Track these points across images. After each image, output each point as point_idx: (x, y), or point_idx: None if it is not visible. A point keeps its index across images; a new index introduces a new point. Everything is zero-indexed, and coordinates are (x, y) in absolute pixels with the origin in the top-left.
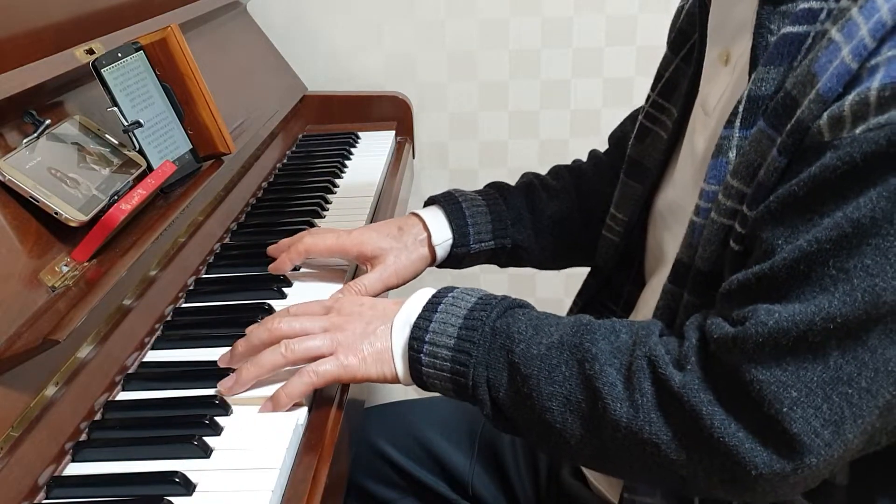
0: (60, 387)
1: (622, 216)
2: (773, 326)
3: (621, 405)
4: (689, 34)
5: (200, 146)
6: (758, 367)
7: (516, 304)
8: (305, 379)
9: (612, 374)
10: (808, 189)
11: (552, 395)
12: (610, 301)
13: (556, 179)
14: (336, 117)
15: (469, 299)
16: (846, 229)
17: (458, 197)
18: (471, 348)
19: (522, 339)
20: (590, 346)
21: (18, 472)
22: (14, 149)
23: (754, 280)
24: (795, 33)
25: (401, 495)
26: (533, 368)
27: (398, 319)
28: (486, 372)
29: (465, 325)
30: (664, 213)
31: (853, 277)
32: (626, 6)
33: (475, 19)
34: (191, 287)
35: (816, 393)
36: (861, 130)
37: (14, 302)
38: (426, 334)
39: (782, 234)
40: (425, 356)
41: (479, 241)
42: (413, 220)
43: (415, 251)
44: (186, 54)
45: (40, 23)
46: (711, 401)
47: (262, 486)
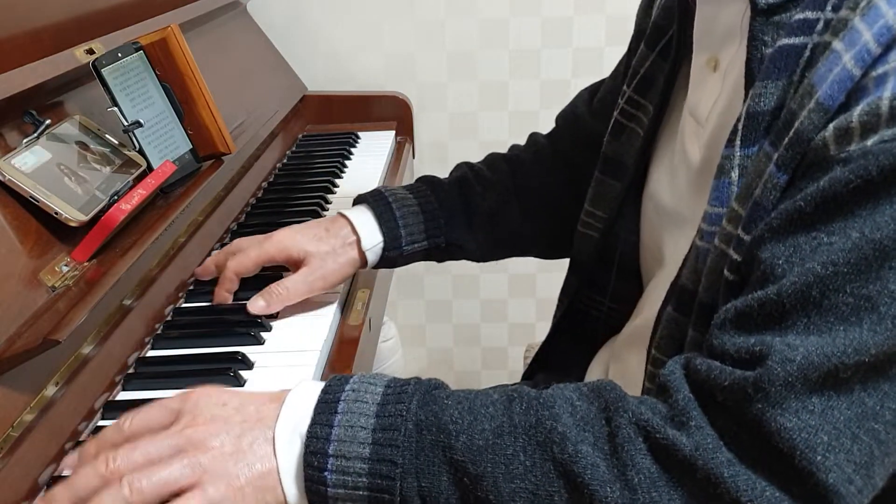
0: (60, 387)
1: (601, 213)
2: (801, 363)
3: (611, 489)
4: (666, 29)
5: (200, 146)
6: (784, 414)
7: (433, 385)
8: None
9: (588, 452)
10: (816, 205)
11: (515, 493)
12: (596, 294)
13: (491, 171)
14: (336, 117)
15: (375, 390)
16: (866, 251)
17: (388, 196)
18: (394, 454)
19: (461, 430)
20: (552, 423)
21: (18, 471)
22: (14, 149)
23: (757, 307)
24: (792, 45)
25: None
26: (484, 465)
27: (281, 427)
28: (416, 481)
29: (381, 426)
30: (661, 215)
31: (879, 305)
32: (625, 6)
33: (475, 19)
34: (191, 287)
35: (845, 434)
36: (874, 142)
37: (14, 302)
38: (329, 445)
39: (784, 254)
40: (332, 474)
41: (411, 241)
42: (341, 222)
43: (343, 255)
44: (186, 54)
45: (40, 23)
46: (731, 460)
47: None
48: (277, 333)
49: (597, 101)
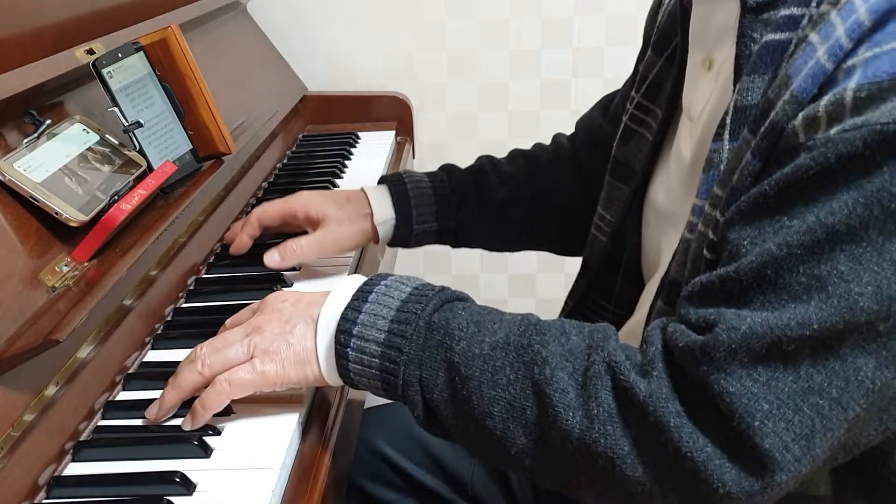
0: (61, 387)
1: (610, 217)
2: (745, 332)
3: (573, 414)
4: (672, 35)
5: (200, 146)
6: (728, 379)
7: (455, 296)
8: (218, 388)
9: (563, 379)
10: (779, 190)
11: (494, 400)
12: (602, 299)
13: (510, 165)
14: (336, 117)
15: (403, 289)
16: (819, 235)
17: (406, 179)
18: (402, 344)
19: (463, 337)
20: (539, 347)
21: (18, 471)
22: (14, 149)
23: (718, 283)
24: (778, 41)
25: (400, 496)
26: (474, 369)
27: (324, 312)
28: (418, 371)
29: (398, 319)
30: (657, 216)
31: (827, 284)
32: (625, 6)
33: (475, 19)
34: (191, 287)
35: (787, 405)
36: (836, 131)
37: (14, 302)
38: (354, 326)
39: (749, 236)
40: (352, 351)
41: (422, 221)
42: (360, 195)
43: (357, 223)
44: (187, 54)
45: (40, 23)
46: (679, 412)
47: (262, 486)
48: None
49: (612, 106)
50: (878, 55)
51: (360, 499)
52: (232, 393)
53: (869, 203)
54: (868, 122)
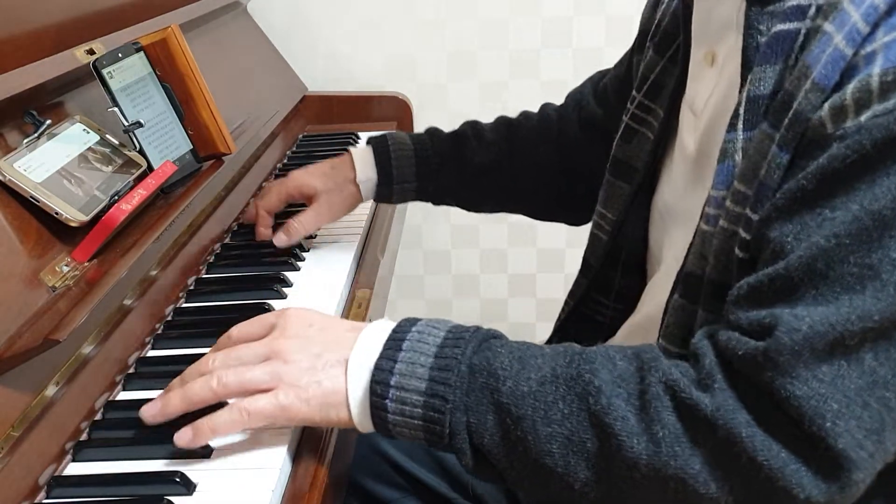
0: (61, 386)
1: (611, 215)
2: (806, 332)
3: (638, 440)
4: (675, 35)
5: (201, 146)
6: (794, 382)
7: (490, 335)
8: (235, 416)
9: (621, 406)
10: (817, 182)
11: (551, 437)
12: (601, 295)
13: (492, 131)
14: (336, 117)
15: (438, 333)
16: (866, 222)
17: (388, 139)
18: (446, 392)
19: (509, 376)
20: (590, 377)
21: (19, 471)
22: (14, 149)
23: (767, 282)
24: (787, 30)
25: (401, 495)
26: (526, 408)
27: (355, 359)
28: (465, 417)
29: (438, 365)
30: (663, 214)
31: (881, 272)
32: (625, 6)
33: (475, 19)
34: (191, 287)
35: (855, 401)
36: (867, 118)
37: (14, 302)
38: (391, 377)
39: (791, 232)
40: (392, 402)
41: (402, 181)
42: (344, 159)
43: (345, 189)
44: (187, 54)
45: (40, 23)
46: (749, 421)
47: (262, 486)
48: None
49: (601, 86)
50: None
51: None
52: (249, 423)
53: None
54: None
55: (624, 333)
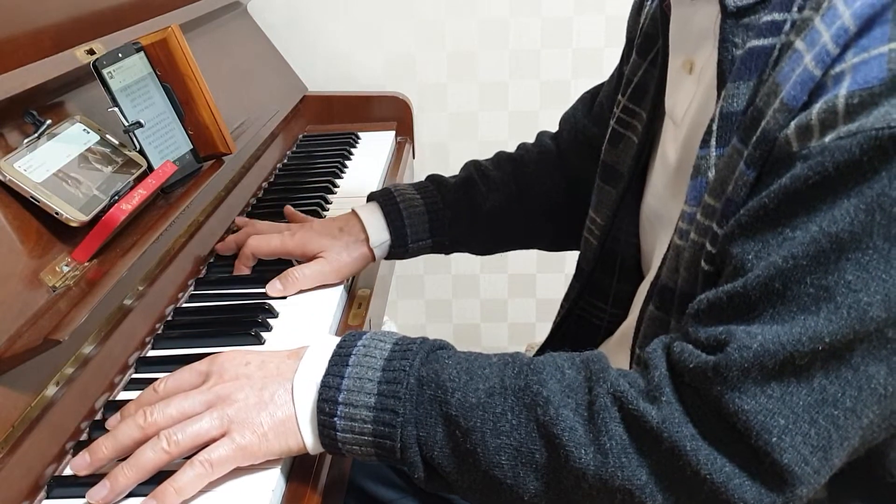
0: (61, 386)
1: (600, 220)
2: (757, 350)
3: (585, 451)
4: (655, 39)
5: (201, 146)
6: (742, 397)
7: (437, 345)
8: (199, 471)
9: (569, 416)
10: (779, 201)
11: (500, 448)
12: (597, 300)
13: (496, 170)
14: (336, 117)
15: (384, 346)
16: (823, 244)
17: (397, 196)
18: (395, 405)
19: (457, 388)
20: (538, 387)
21: (18, 471)
22: (15, 149)
23: (726, 299)
24: (761, 46)
25: (400, 495)
26: (475, 420)
27: (299, 379)
28: (415, 430)
29: (386, 379)
30: (650, 218)
31: (836, 295)
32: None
33: (475, 19)
34: (191, 287)
35: (803, 418)
36: (831, 139)
37: (15, 302)
38: (339, 394)
39: (752, 249)
40: (340, 420)
41: (416, 239)
42: (353, 221)
43: (356, 250)
44: (187, 54)
45: (40, 23)
46: (694, 435)
47: (263, 486)
48: (278, 334)
49: (596, 105)
50: (866, 60)
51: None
52: (213, 474)
53: (870, 209)
54: (862, 128)
55: (618, 337)
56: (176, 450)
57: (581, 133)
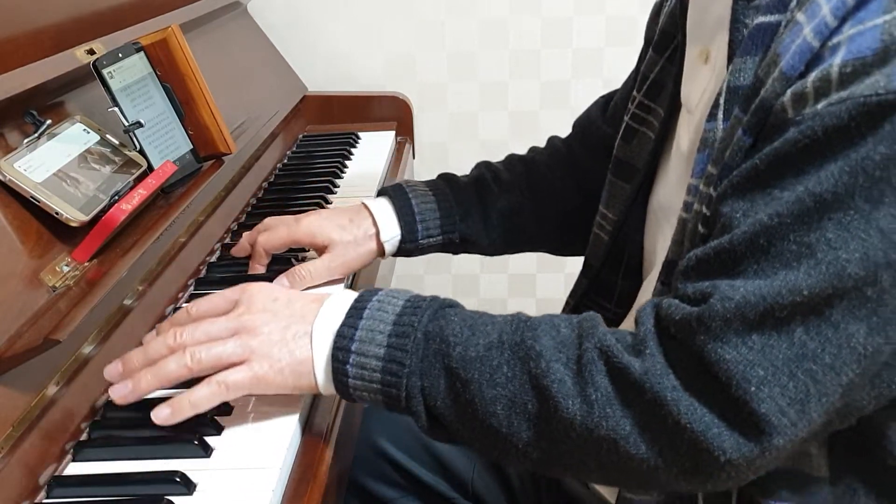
0: (61, 386)
1: (612, 215)
2: (739, 301)
3: (573, 402)
4: (673, 35)
5: (201, 146)
6: (724, 347)
7: (447, 304)
8: (214, 389)
9: (559, 370)
10: (769, 163)
11: (495, 399)
12: (602, 299)
13: (508, 171)
14: (336, 117)
15: (396, 303)
16: (807, 203)
17: (408, 192)
18: (403, 357)
19: (458, 342)
20: (532, 342)
21: (19, 471)
22: (15, 149)
23: (713, 255)
24: (768, 23)
25: (401, 494)
26: (473, 372)
27: (318, 326)
28: (420, 381)
29: (395, 332)
30: (657, 213)
31: (816, 251)
32: (626, 6)
33: (475, 19)
34: (191, 287)
35: (782, 371)
36: (823, 105)
37: (15, 302)
38: (352, 343)
39: (741, 208)
40: (352, 367)
41: (427, 236)
42: (363, 213)
43: (364, 245)
44: (187, 54)
45: (40, 23)
46: (675, 386)
47: (262, 486)
48: None
49: (611, 107)
50: (861, 32)
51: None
52: (227, 395)
53: (854, 172)
54: (852, 95)
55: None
56: (197, 367)
57: (594, 134)
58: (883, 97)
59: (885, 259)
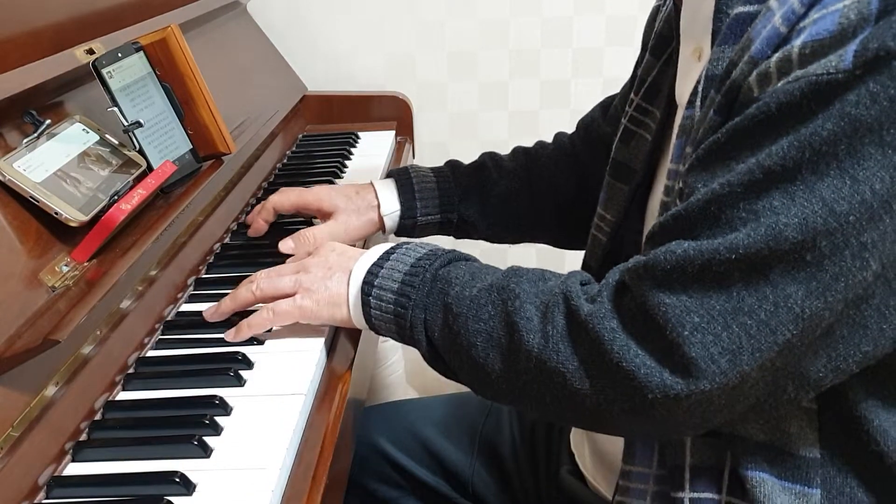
0: (60, 387)
1: (610, 216)
2: (680, 255)
3: (534, 336)
4: (669, 39)
5: (200, 146)
6: (664, 292)
7: (462, 256)
8: (265, 315)
9: (530, 309)
10: (728, 136)
11: (477, 332)
12: None
13: (511, 160)
14: (336, 117)
15: (419, 251)
16: (757, 175)
17: (412, 172)
18: (411, 292)
19: (458, 283)
20: (514, 286)
21: (18, 471)
22: (14, 149)
23: (671, 221)
24: (746, 13)
25: (401, 494)
26: (463, 308)
27: (356, 267)
28: (423, 314)
29: (410, 272)
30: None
31: (760, 216)
32: (626, 6)
33: (475, 19)
34: (191, 287)
35: (717, 321)
36: (781, 84)
37: (14, 302)
38: (375, 279)
39: (702, 179)
40: (373, 299)
41: (425, 213)
42: (368, 188)
43: (365, 215)
44: (186, 54)
45: (40, 23)
46: (614, 328)
47: (262, 486)
48: (277, 334)
49: (611, 108)
50: (823, 16)
51: (362, 497)
52: (274, 321)
53: (802, 146)
54: (807, 73)
55: None
56: (260, 294)
57: (595, 133)
58: (833, 76)
59: (824, 226)
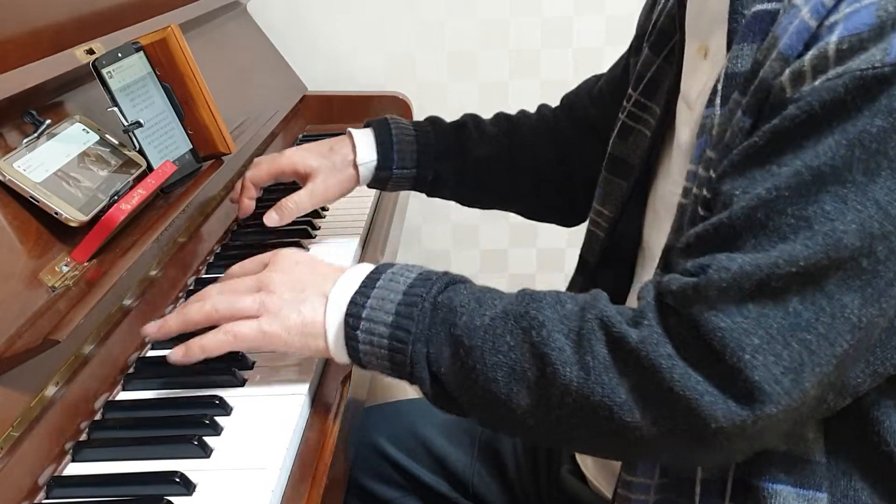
0: (61, 387)
1: (608, 212)
2: (736, 272)
3: (571, 369)
4: (671, 34)
5: (200, 146)
6: (719, 315)
7: (457, 279)
8: (221, 337)
9: (560, 339)
10: (767, 140)
11: (497, 366)
12: None
13: (493, 125)
14: (336, 117)
15: (409, 275)
16: (805, 177)
17: (391, 123)
18: (409, 325)
19: (465, 312)
20: (535, 313)
21: (18, 471)
22: (14, 149)
23: (712, 230)
24: (766, 10)
25: (401, 494)
26: (476, 340)
27: (334, 294)
28: (425, 348)
29: (405, 302)
30: (658, 208)
31: (813, 223)
32: (625, 6)
33: (475, 19)
34: (191, 287)
35: (777, 340)
36: (820, 81)
37: (14, 302)
38: (363, 311)
39: (741, 185)
40: (362, 333)
41: (401, 166)
42: (344, 140)
43: (343, 171)
44: (186, 54)
45: (40, 23)
46: (671, 354)
47: (262, 486)
48: None
49: (597, 88)
50: (857, 9)
51: (362, 497)
52: (234, 345)
53: (851, 145)
54: (848, 69)
55: None
56: (215, 315)
57: (580, 112)
58: (879, 70)
59: (880, 230)
